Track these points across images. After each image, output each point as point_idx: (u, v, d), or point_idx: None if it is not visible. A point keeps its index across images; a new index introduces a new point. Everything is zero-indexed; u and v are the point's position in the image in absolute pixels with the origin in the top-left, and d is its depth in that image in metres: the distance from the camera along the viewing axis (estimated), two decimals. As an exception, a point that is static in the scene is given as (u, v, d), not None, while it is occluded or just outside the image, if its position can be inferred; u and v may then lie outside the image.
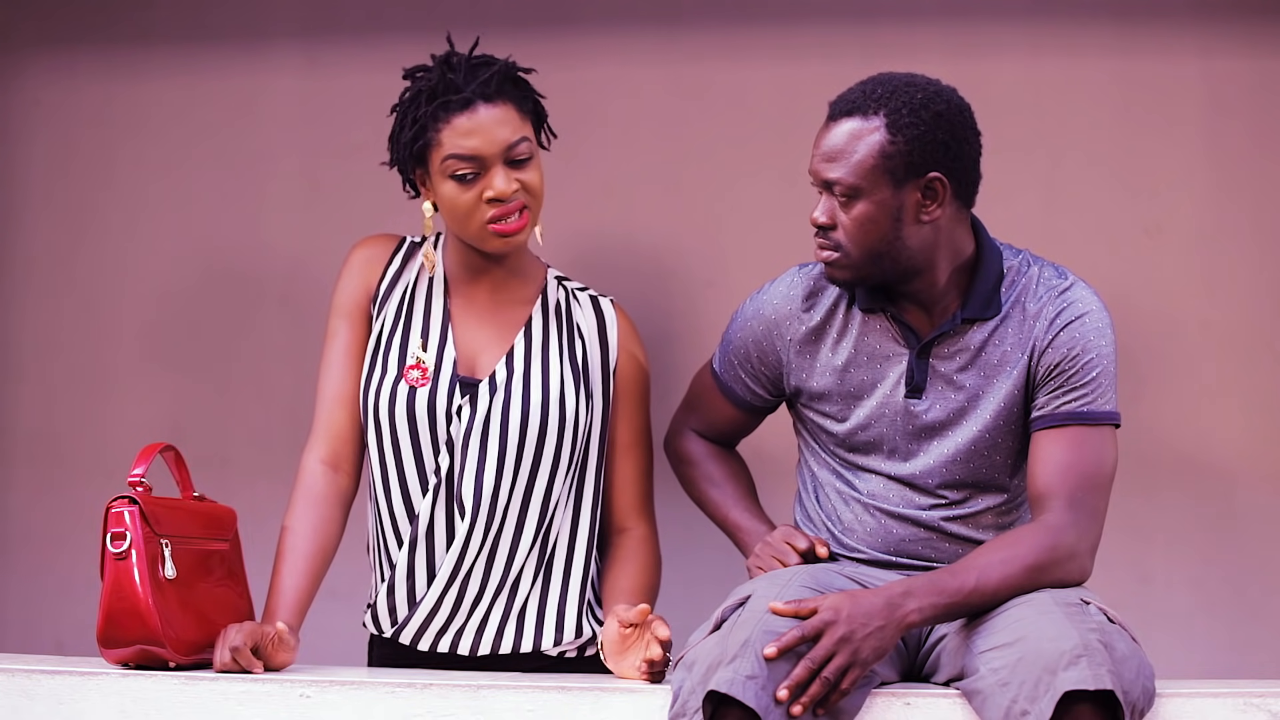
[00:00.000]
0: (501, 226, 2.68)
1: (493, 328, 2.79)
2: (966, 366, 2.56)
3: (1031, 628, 2.27)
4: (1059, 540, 2.43)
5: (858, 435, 2.61)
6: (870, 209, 2.48)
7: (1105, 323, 2.55)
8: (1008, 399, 2.55)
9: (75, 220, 3.60)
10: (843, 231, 2.50)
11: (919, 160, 2.47)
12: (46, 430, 3.60)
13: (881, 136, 2.47)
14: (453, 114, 2.67)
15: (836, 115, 2.51)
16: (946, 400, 2.57)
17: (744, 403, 2.76)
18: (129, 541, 2.50)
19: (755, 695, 2.21)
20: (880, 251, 2.50)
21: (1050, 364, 2.52)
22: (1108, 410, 2.53)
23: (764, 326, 2.68)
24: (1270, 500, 3.28)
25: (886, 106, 2.47)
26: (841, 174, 2.48)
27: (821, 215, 2.52)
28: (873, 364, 2.60)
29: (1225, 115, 3.32)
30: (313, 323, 2.86)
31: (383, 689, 2.46)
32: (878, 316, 2.60)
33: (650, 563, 2.81)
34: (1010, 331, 2.56)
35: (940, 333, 2.56)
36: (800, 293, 2.66)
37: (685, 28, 3.40)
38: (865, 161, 2.47)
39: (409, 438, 2.73)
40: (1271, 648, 3.25)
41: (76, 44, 3.60)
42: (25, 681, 2.50)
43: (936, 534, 2.59)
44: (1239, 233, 3.31)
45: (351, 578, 2.93)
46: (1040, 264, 2.60)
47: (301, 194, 3.53)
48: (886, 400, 2.58)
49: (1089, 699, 2.18)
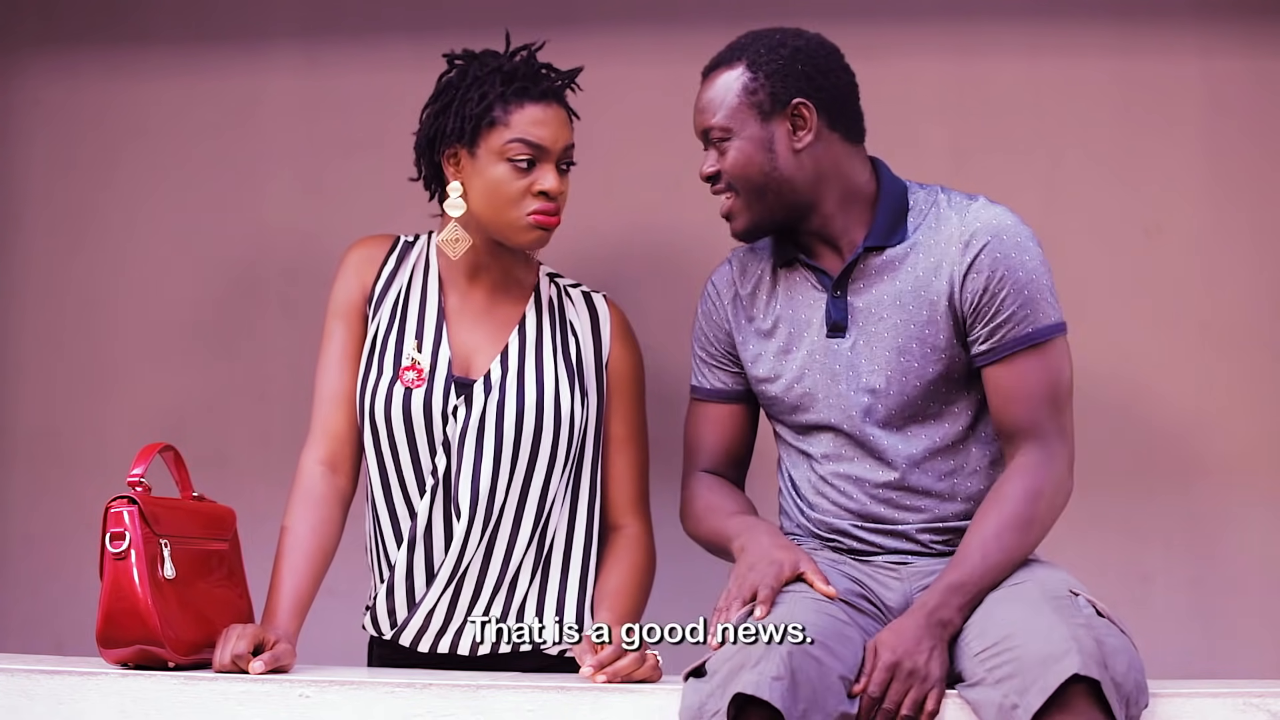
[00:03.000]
0: (544, 219, 2.70)
1: (487, 327, 2.79)
2: (883, 298, 2.58)
3: (1022, 626, 2.29)
4: (1039, 480, 2.49)
5: (794, 390, 2.63)
6: (743, 145, 2.58)
7: (1024, 235, 2.56)
8: (931, 326, 2.56)
9: (75, 220, 3.60)
10: (726, 177, 2.60)
11: (780, 90, 2.57)
12: (46, 430, 3.60)
13: (744, 76, 2.58)
14: (528, 101, 2.70)
15: (706, 73, 2.63)
16: (869, 335, 2.58)
17: (722, 393, 2.75)
18: (128, 541, 2.50)
19: (781, 696, 2.21)
20: (761, 185, 2.58)
21: (976, 291, 2.53)
22: (1050, 323, 2.54)
23: (710, 305, 2.75)
24: (1270, 500, 3.28)
25: (747, 52, 2.60)
26: (713, 120, 2.59)
27: (706, 167, 2.62)
28: (797, 314, 2.64)
29: (1225, 115, 3.32)
30: (313, 323, 2.86)
31: (382, 689, 2.46)
32: (795, 269, 2.65)
33: (641, 562, 2.81)
34: (922, 257, 2.57)
35: (848, 264, 2.59)
36: (736, 268, 2.74)
37: (685, 27, 3.40)
38: (730, 102, 2.58)
39: (405, 439, 2.73)
40: (1271, 648, 3.25)
41: (77, 44, 3.60)
42: (25, 681, 2.50)
43: (898, 488, 2.59)
44: (1239, 233, 3.31)
45: (351, 578, 2.93)
46: (949, 193, 2.63)
47: (301, 194, 3.53)
48: (814, 346, 2.62)
49: (1079, 690, 2.19)
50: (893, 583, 2.56)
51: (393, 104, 2.87)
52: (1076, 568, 2.57)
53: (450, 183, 2.73)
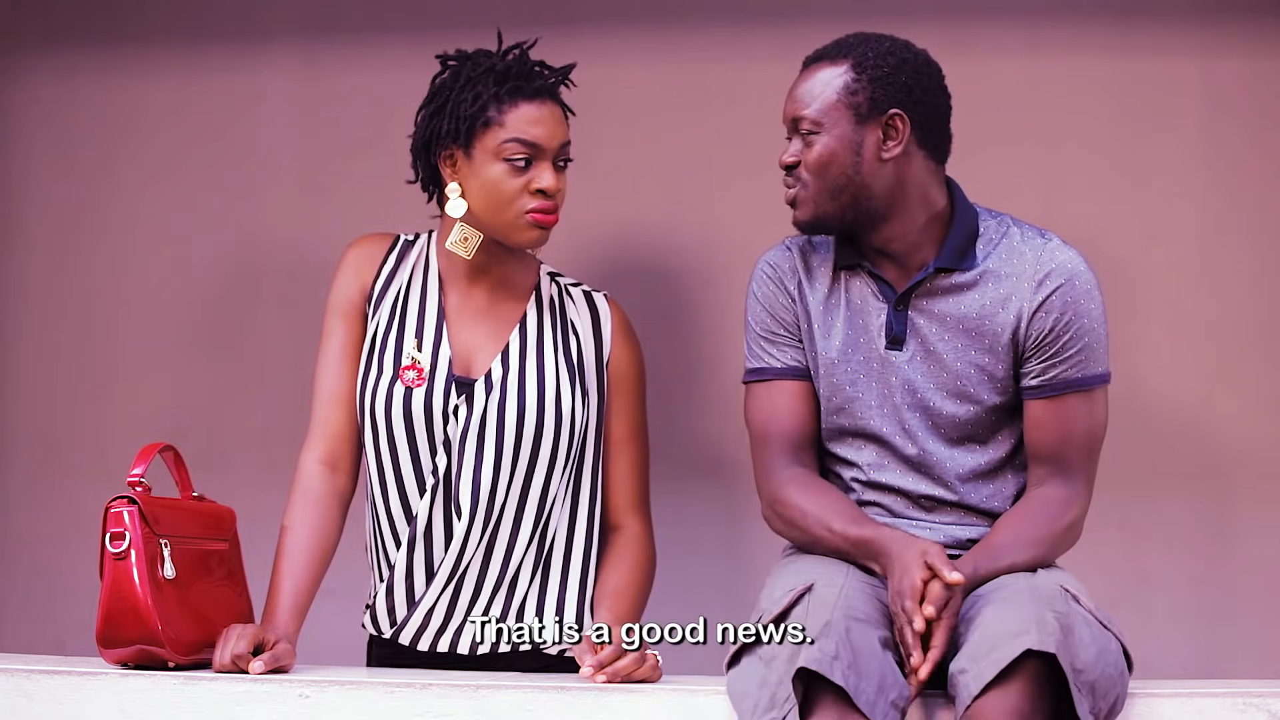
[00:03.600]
0: (542, 217, 2.70)
1: (488, 326, 2.79)
2: (946, 319, 2.58)
3: (992, 608, 2.32)
4: (1066, 516, 2.54)
5: (844, 392, 2.62)
6: (831, 142, 2.56)
7: (1092, 283, 2.59)
8: (992, 355, 2.57)
9: (75, 220, 3.61)
10: (805, 168, 2.58)
11: (880, 97, 2.56)
12: (46, 430, 3.60)
13: (847, 75, 2.57)
14: (522, 100, 2.69)
15: (808, 64, 2.63)
16: (927, 354, 2.59)
17: (797, 370, 2.67)
18: (128, 541, 2.50)
19: (843, 675, 2.22)
20: (840, 186, 2.56)
21: (1041, 330, 2.56)
22: (1099, 373, 2.58)
23: (771, 286, 2.69)
24: (1270, 500, 3.28)
25: (854, 52, 2.59)
26: (805, 110, 2.58)
27: (788, 155, 2.61)
28: (854, 318, 2.63)
29: (1225, 115, 3.32)
30: (312, 322, 2.86)
31: (382, 689, 2.46)
32: (857, 274, 2.64)
33: (641, 562, 2.81)
34: (991, 287, 2.58)
35: (915, 282, 2.59)
36: (797, 255, 2.70)
37: (685, 27, 3.40)
38: (828, 97, 2.57)
39: (406, 438, 2.73)
40: (1270, 647, 3.25)
41: (76, 44, 3.60)
42: (25, 681, 2.50)
43: (927, 501, 2.60)
44: (1239, 232, 3.31)
45: (351, 577, 2.93)
46: (1020, 225, 2.63)
47: (301, 194, 3.53)
48: (868, 355, 2.61)
49: (1033, 665, 2.21)
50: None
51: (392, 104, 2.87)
52: (1077, 568, 2.58)
53: (448, 184, 2.73)
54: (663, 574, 2.86)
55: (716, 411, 3.36)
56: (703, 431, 3.36)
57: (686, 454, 3.33)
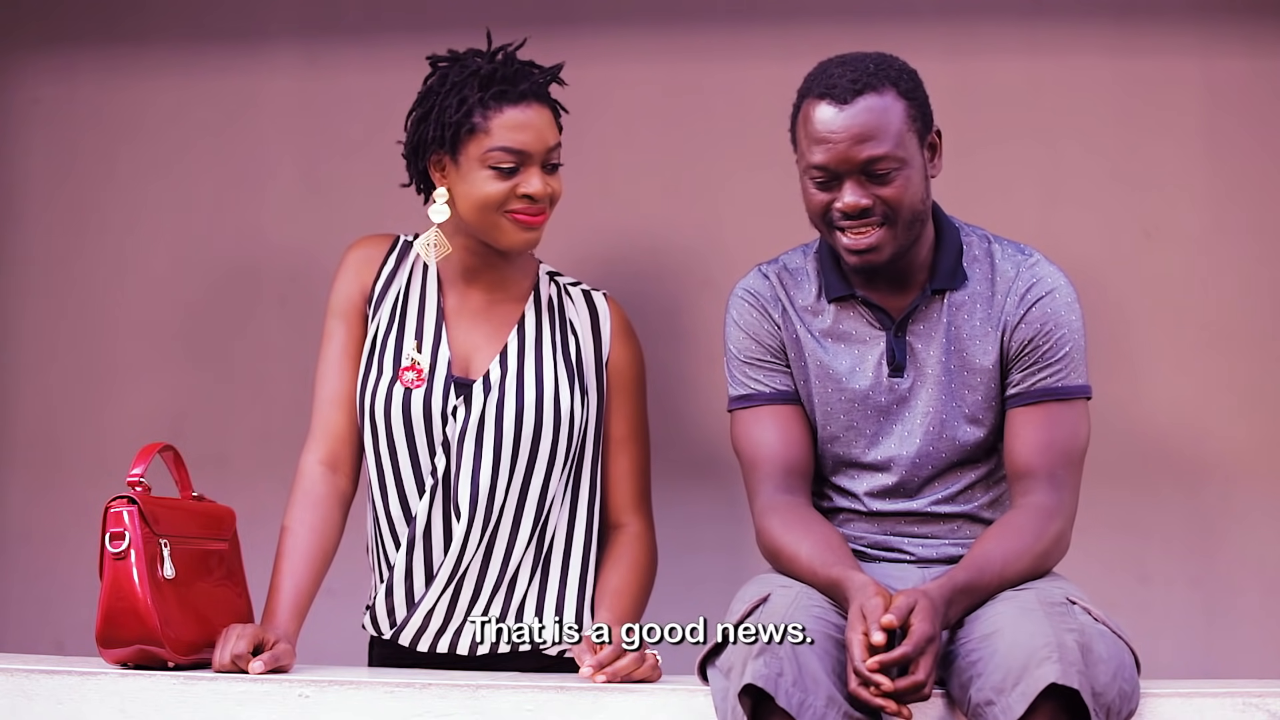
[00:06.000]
0: (526, 218, 2.68)
1: (486, 326, 2.79)
2: (942, 341, 2.57)
3: (1009, 623, 2.29)
4: (1054, 525, 2.49)
5: (839, 421, 2.61)
6: (913, 175, 2.50)
7: (1073, 297, 2.59)
8: (984, 374, 2.57)
9: (75, 220, 3.60)
10: (885, 207, 2.49)
11: (929, 118, 2.54)
12: (46, 430, 3.60)
13: (901, 103, 2.49)
14: (507, 105, 2.67)
15: (846, 98, 2.47)
16: (926, 377, 2.58)
17: (786, 395, 2.64)
18: (128, 541, 2.50)
19: (786, 693, 2.22)
20: (915, 217, 2.52)
21: (1023, 340, 2.56)
22: (1080, 384, 2.57)
23: (754, 313, 2.65)
24: (1270, 500, 3.28)
25: (887, 78, 2.50)
26: (886, 148, 2.47)
27: (862, 198, 2.48)
28: (851, 349, 2.60)
29: (1225, 115, 3.32)
30: (312, 323, 2.86)
31: (382, 689, 2.46)
32: (849, 304, 2.61)
33: (642, 561, 2.81)
34: (980, 307, 2.58)
35: (914, 307, 2.58)
36: (775, 283, 2.65)
37: (684, 27, 3.40)
38: (901, 129, 2.48)
39: (405, 439, 2.73)
40: (1270, 647, 3.25)
41: (75, 44, 3.60)
42: (25, 681, 2.50)
43: (925, 518, 2.60)
44: (1239, 232, 3.31)
45: (351, 577, 2.93)
46: (1000, 241, 2.62)
47: (301, 194, 3.53)
48: (869, 384, 2.59)
49: (1055, 697, 2.19)
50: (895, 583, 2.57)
51: (392, 104, 2.87)
52: (1077, 568, 2.58)
53: (436, 189, 2.73)
54: (663, 573, 2.86)
55: (717, 411, 3.34)
56: (703, 431, 3.36)
57: (686, 453, 3.33)
